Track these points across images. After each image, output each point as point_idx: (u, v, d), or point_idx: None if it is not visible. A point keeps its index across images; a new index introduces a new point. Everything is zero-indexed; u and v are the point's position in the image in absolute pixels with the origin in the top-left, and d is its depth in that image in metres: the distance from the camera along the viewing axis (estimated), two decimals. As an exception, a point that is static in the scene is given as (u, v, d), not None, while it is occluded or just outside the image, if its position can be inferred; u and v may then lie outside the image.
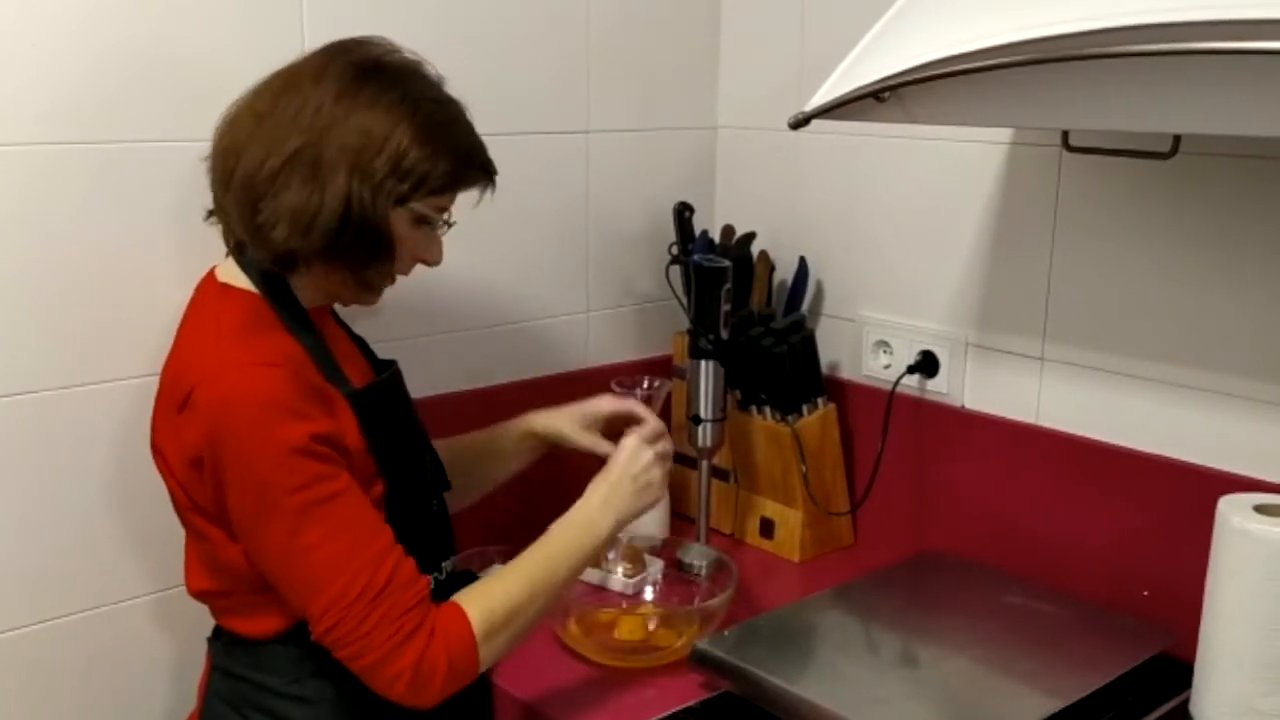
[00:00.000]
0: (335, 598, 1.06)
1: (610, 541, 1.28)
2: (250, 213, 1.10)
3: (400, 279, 1.24)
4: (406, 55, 1.17)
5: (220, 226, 1.19)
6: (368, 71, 1.12)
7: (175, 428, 1.11)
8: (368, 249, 1.13)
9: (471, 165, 1.18)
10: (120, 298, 1.33)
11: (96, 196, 1.30)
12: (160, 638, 1.43)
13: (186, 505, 1.14)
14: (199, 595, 1.22)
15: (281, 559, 1.08)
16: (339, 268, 1.15)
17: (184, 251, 1.35)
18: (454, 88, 1.23)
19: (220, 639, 1.24)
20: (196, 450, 1.08)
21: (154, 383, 1.34)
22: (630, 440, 1.31)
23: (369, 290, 1.20)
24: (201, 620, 1.26)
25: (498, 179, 1.22)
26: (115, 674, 1.40)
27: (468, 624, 1.10)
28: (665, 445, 1.33)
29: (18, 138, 1.24)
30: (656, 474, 1.29)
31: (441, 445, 1.36)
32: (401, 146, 1.10)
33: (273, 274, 1.15)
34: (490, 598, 1.13)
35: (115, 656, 1.40)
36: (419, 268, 1.23)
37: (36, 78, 1.24)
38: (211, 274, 1.21)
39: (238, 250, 1.18)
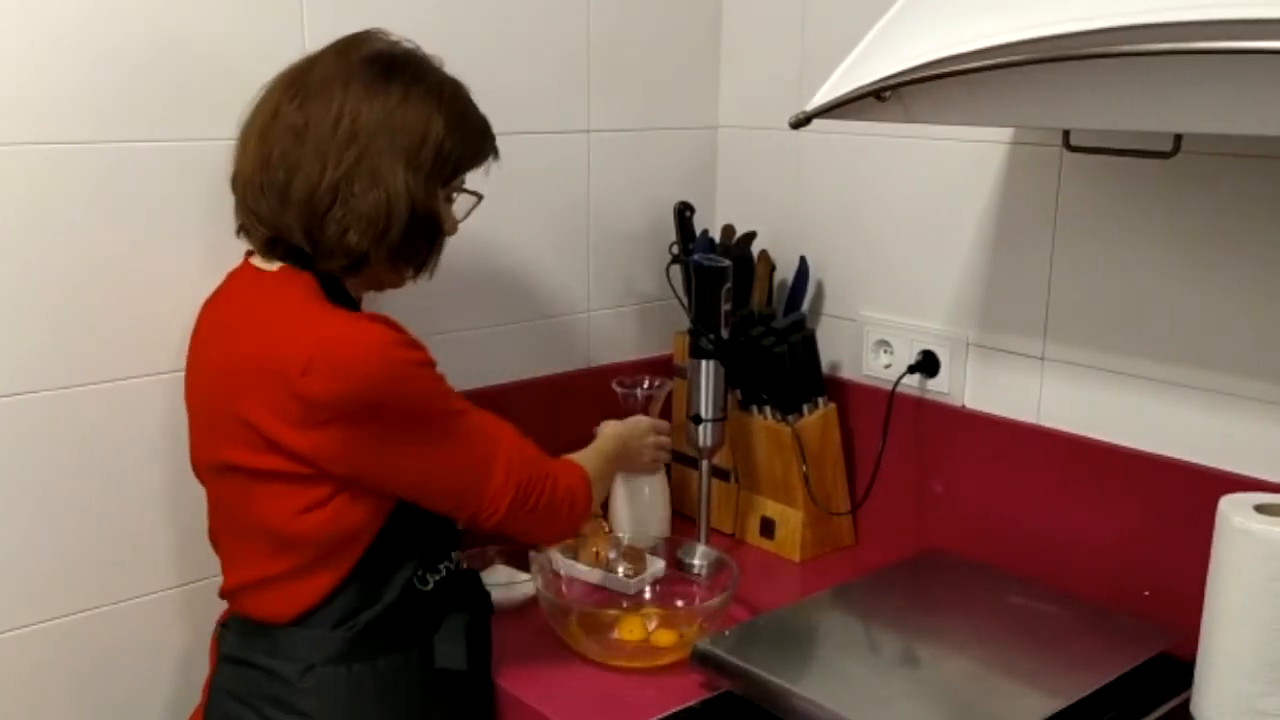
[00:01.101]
0: (510, 454, 1.22)
1: (614, 478, 1.56)
2: (318, 225, 1.15)
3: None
4: (406, 43, 1.23)
5: (257, 237, 1.21)
6: (387, 67, 1.17)
7: (293, 396, 1.10)
8: (428, 237, 1.20)
9: (489, 140, 1.26)
10: (127, 297, 1.33)
11: (104, 196, 1.30)
12: (167, 635, 1.43)
13: (282, 472, 1.13)
14: (242, 584, 1.22)
15: (458, 455, 1.19)
16: (404, 263, 1.22)
17: (192, 249, 1.36)
18: (454, 87, 1.25)
19: (232, 627, 1.24)
20: (329, 409, 1.11)
21: (160, 381, 1.35)
22: (644, 419, 1.56)
23: (416, 274, 1.26)
24: (207, 618, 1.26)
25: (499, 178, 1.27)
26: (120, 673, 1.40)
27: (587, 480, 1.33)
28: (665, 438, 1.60)
29: (23, 137, 1.24)
30: (650, 440, 1.55)
31: None
32: (440, 135, 1.17)
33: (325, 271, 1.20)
34: (582, 459, 1.36)
35: (120, 655, 1.40)
36: None
37: (34, 78, 1.24)
38: (248, 265, 1.23)
39: (274, 252, 1.20)
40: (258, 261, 1.23)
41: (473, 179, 1.27)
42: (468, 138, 1.21)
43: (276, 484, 1.15)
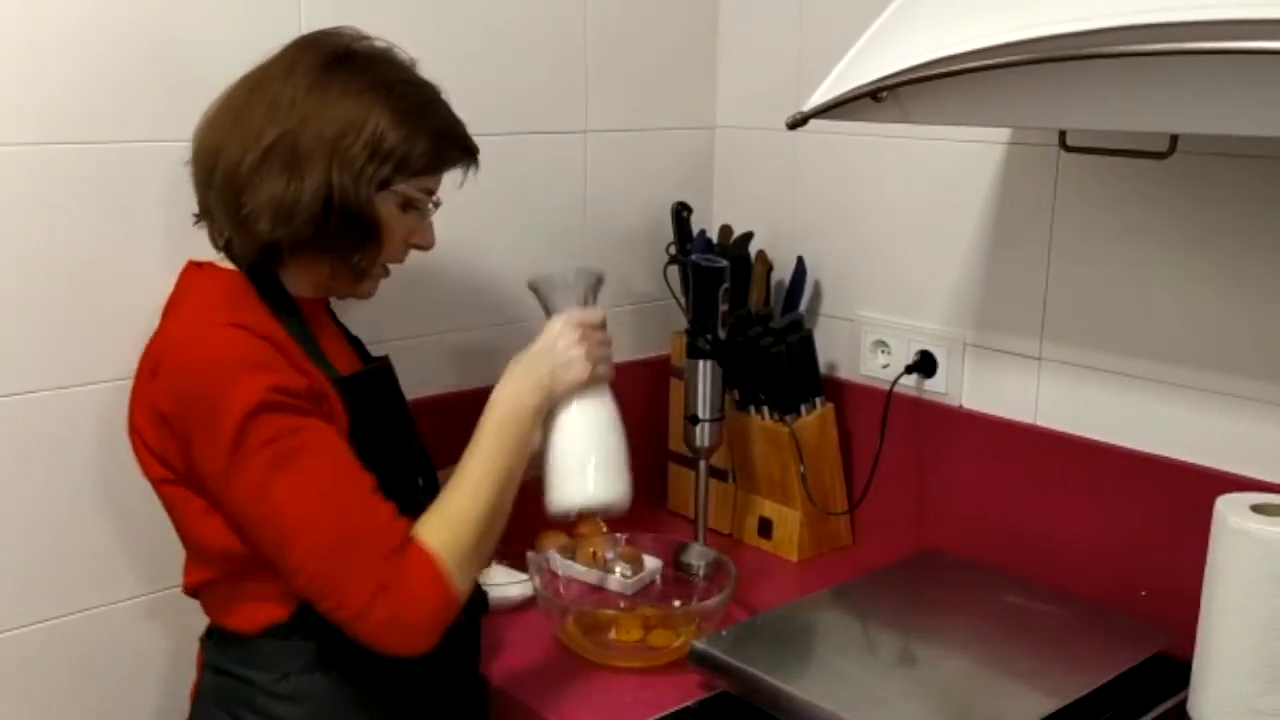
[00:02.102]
0: (309, 550, 1.05)
1: (539, 417, 1.19)
2: (234, 207, 1.12)
3: (395, 271, 1.25)
4: (376, 42, 1.19)
5: (207, 228, 1.20)
6: (337, 60, 1.14)
7: (148, 393, 1.11)
8: (353, 236, 1.14)
9: (451, 144, 1.19)
10: (106, 299, 1.33)
11: (90, 198, 1.30)
12: (152, 640, 1.43)
13: (166, 478, 1.13)
14: (193, 590, 1.21)
15: (253, 516, 1.07)
16: (325, 256, 1.16)
17: (175, 252, 1.35)
18: (451, 88, 1.24)
19: (212, 637, 1.24)
20: (163, 410, 1.09)
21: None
22: (556, 320, 1.25)
23: (359, 279, 1.20)
24: (193, 622, 1.25)
25: (497, 178, 1.23)
26: (105, 677, 1.40)
27: (437, 563, 1.07)
28: (600, 334, 1.25)
29: (11, 138, 1.24)
30: (578, 351, 1.21)
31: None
32: (378, 131, 1.11)
33: (259, 265, 1.17)
34: (451, 525, 1.11)
35: (105, 659, 1.40)
36: (413, 254, 1.24)
37: (31, 78, 1.24)
38: (191, 262, 1.21)
39: (228, 249, 1.19)
40: (198, 259, 1.22)
41: (447, 188, 1.23)
42: (417, 137, 1.13)
43: (176, 486, 1.13)
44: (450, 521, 1.11)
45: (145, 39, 1.30)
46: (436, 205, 1.22)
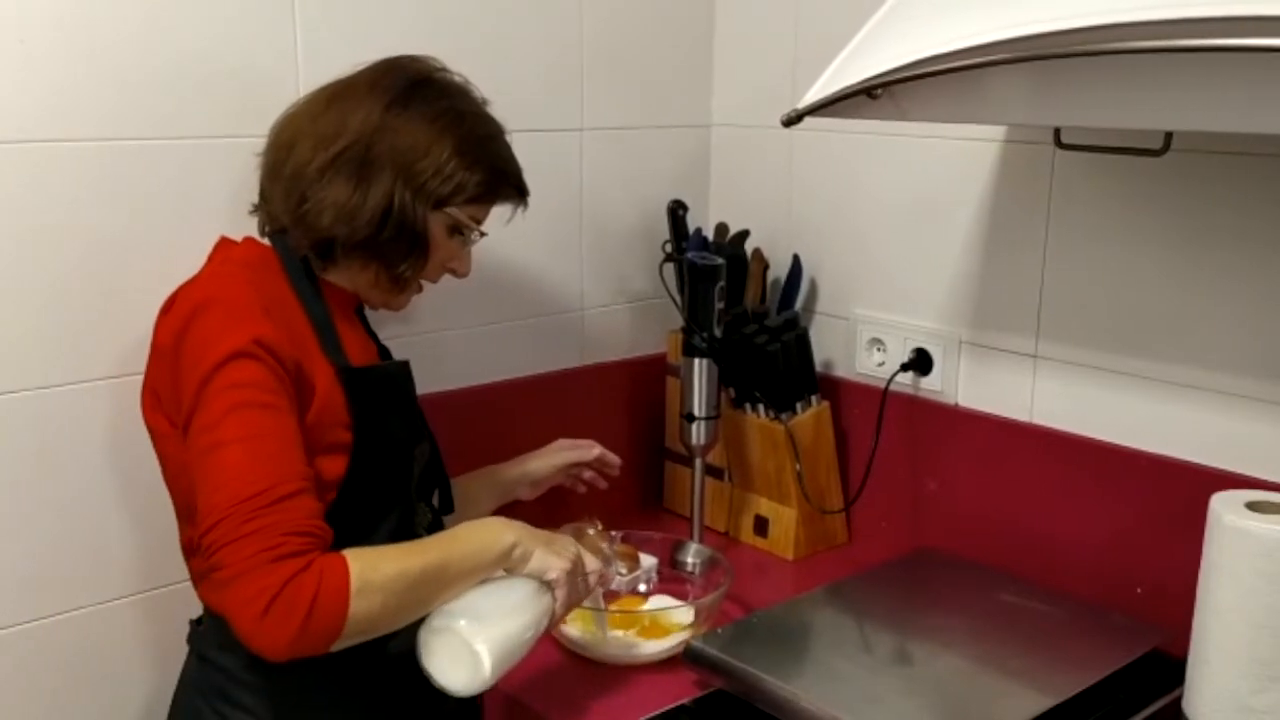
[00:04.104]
0: (230, 496, 1.02)
1: (502, 562, 1.17)
2: (296, 201, 1.18)
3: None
4: (454, 75, 1.26)
5: (260, 215, 1.25)
6: (418, 85, 1.21)
7: (157, 331, 1.17)
8: (404, 246, 1.20)
9: (505, 180, 1.26)
10: (104, 298, 1.32)
11: (93, 195, 1.30)
12: (148, 637, 1.42)
13: (165, 432, 1.15)
14: (185, 553, 1.22)
15: (196, 449, 1.07)
16: (373, 262, 1.22)
17: (178, 248, 1.35)
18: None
19: (200, 623, 1.24)
20: (165, 342, 1.14)
21: (136, 381, 1.35)
22: (575, 543, 1.27)
23: (399, 289, 1.26)
24: (189, 618, 1.25)
25: None
26: (101, 674, 1.40)
27: (346, 570, 1.03)
28: (585, 580, 1.25)
29: (11, 134, 1.23)
30: (569, 558, 1.21)
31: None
32: (444, 155, 1.19)
33: (305, 258, 1.22)
34: (378, 556, 1.07)
35: (102, 657, 1.39)
36: (445, 278, 1.30)
37: (30, 74, 1.23)
38: (223, 237, 1.26)
39: (273, 239, 1.24)
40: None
41: (492, 223, 1.28)
42: (476, 167, 1.21)
43: (166, 444, 1.16)
44: (380, 558, 1.07)
45: (143, 38, 1.30)
46: (481, 235, 1.28)
